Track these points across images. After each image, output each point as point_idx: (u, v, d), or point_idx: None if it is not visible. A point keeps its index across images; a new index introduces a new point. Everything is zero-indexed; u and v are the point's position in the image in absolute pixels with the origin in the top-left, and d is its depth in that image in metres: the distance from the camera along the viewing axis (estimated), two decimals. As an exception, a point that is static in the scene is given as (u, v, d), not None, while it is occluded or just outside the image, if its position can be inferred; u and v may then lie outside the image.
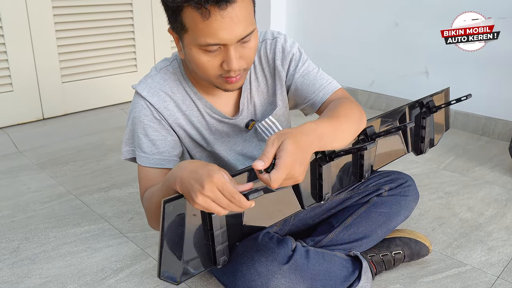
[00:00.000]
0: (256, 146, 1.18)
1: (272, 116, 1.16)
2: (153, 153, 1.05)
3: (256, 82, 1.13)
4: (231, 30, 0.89)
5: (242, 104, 1.12)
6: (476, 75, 2.33)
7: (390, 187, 1.27)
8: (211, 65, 0.94)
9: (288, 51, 1.11)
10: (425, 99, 1.30)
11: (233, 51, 0.92)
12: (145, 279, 1.23)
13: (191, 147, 1.13)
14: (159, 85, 1.06)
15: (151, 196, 0.99)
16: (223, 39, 0.89)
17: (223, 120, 1.11)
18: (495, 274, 1.26)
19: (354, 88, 2.87)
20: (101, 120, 2.50)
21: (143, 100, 1.05)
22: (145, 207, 1.03)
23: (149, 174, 1.05)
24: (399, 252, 1.24)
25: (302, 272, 1.03)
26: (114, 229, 1.47)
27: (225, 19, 0.87)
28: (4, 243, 1.39)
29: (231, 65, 0.93)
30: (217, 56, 0.93)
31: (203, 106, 1.09)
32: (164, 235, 0.83)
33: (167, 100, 1.06)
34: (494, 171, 1.91)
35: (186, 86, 1.08)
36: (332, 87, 1.11)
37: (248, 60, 0.97)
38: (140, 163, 1.06)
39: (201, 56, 0.93)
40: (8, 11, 2.18)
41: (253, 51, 0.97)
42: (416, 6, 2.47)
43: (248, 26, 0.91)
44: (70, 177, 1.84)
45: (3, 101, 2.28)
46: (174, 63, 1.09)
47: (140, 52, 2.70)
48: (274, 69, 1.13)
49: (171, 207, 0.82)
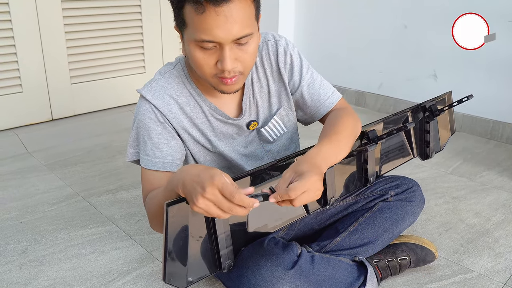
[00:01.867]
0: (258, 146, 1.19)
1: (276, 116, 1.18)
2: (156, 156, 1.05)
3: (258, 83, 1.15)
4: (225, 28, 0.90)
5: (244, 104, 1.13)
6: (484, 78, 2.32)
7: (395, 192, 1.27)
8: (206, 63, 0.96)
9: (289, 54, 1.14)
10: (427, 103, 1.30)
11: (228, 51, 0.93)
12: (151, 282, 1.24)
13: (195, 150, 1.13)
14: (163, 88, 1.07)
15: (154, 198, 1.00)
16: (217, 36, 0.91)
17: (227, 121, 1.12)
18: (501, 281, 1.26)
19: (362, 91, 2.87)
20: (110, 121, 2.52)
21: (148, 103, 1.06)
22: (147, 209, 1.04)
23: (151, 177, 1.06)
24: (404, 258, 1.24)
25: (307, 278, 1.03)
26: (121, 231, 1.48)
27: (220, 16, 0.89)
28: (12, 245, 1.41)
29: (224, 64, 0.94)
30: (212, 55, 0.95)
31: (207, 108, 1.10)
32: (167, 238, 0.83)
33: (172, 103, 1.07)
34: (502, 175, 1.90)
35: (190, 88, 1.09)
36: (334, 99, 1.18)
37: (244, 63, 0.98)
38: (144, 165, 1.06)
39: (197, 52, 0.95)
40: (18, 13, 2.20)
41: (251, 55, 0.98)
42: (424, 8, 2.46)
43: (244, 27, 0.92)
44: (78, 179, 1.86)
45: (13, 102, 2.30)
46: (178, 66, 1.10)
47: (148, 54, 2.72)
48: (278, 71, 1.14)
49: (174, 210, 0.83)
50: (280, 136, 1.20)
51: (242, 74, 0.99)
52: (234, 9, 0.90)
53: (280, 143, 1.21)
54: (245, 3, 0.92)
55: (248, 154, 1.18)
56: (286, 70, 1.15)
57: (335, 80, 2.99)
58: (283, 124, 1.19)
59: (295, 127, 1.24)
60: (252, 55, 0.98)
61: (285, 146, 1.22)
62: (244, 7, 0.91)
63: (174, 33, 2.79)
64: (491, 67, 2.28)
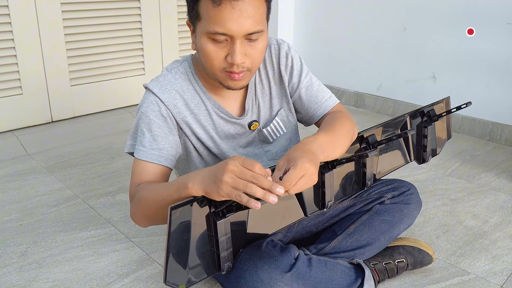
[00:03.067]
0: (257, 146, 1.21)
1: (277, 117, 1.20)
2: (152, 148, 1.05)
3: (261, 84, 1.17)
4: (239, 22, 0.93)
5: (247, 104, 1.16)
6: (483, 80, 2.32)
7: (392, 195, 1.28)
8: (216, 56, 0.98)
9: (291, 59, 1.17)
10: (425, 108, 1.31)
11: (239, 45, 0.96)
12: (150, 284, 1.25)
13: (198, 146, 1.14)
14: (170, 83, 1.09)
15: (149, 191, 0.98)
16: (230, 29, 0.94)
17: (230, 119, 1.14)
18: (498, 283, 1.26)
19: (361, 92, 2.87)
20: (109, 123, 2.53)
21: (154, 96, 1.07)
22: (136, 200, 1.02)
23: (144, 168, 1.05)
24: (402, 261, 1.24)
25: (304, 280, 1.04)
26: (120, 233, 1.49)
27: (235, 10, 0.93)
28: (12, 247, 1.41)
29: (235, 58, 0.97)
30: (223, 48, 0.98)
31: (211, 106, 1.12)
32: (170, 241, 0.85)
33: (177, 98, 1.09)
34: (500, 177, 1.91)
35: (196, 85, 1.11)
36: (331, 102, 1.20)
37: (253, 60, 1.01)
38: (138, 156, 1.06)
39: (208, 45, 0.98)
40: (18, 15, 2.21)
41: (260, 52, 1.01)
42: (424, 11, 2.47)
43: (256, 23, 0.96)
44: (77, 181, 1.86)
45: (13, 104, 2.31)
46: (185, 63, 1.13)
47: (148, 55, 2.72)
48: (279, 73, 1.18)
49: (178, 214, 0.84)
50: (279, 137, 1.22)
51: (249, 70, 1.02)
52: (248, 5, 0.94)
53: (280, 144, 1.23)
54: (259, 1, 0.96)
55: (247, 153, 1.19)
56: (287, 72, 1.18)
57: (334, 81, 3.00)
58: (283, 125, 1.22)
59: (295, 128, 1.25)
60: (261, 53, 1.02)
61: (284, 147, 1.24)
62: (258, 5, 0.96)
63: (173, 35, 2.80)
64: (490, 69, 2.29)
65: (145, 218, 1.01)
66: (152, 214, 0.98)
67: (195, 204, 0.86)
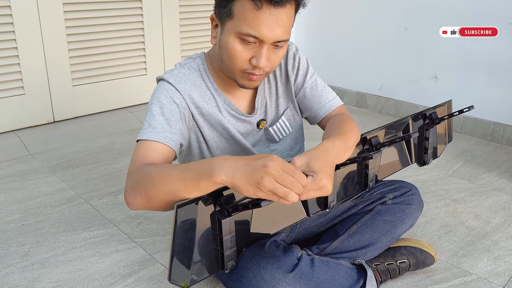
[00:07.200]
0: (264, 145, 1.22)
1: (284, 116, 1.22)
2: (164, 130, 1.00)
3: (268, 84, 1.20)
4: (272, 29, 0.96)
5: (257, 103, 1.18)
6: (485, 81, 2.32)
7: (394, 196, 1.28)
8: (241, 56, 1.00)
9: (298, 60, 1.21)
10: (428, 111, 1.32)
11: (266, 49, 0.99)
12: (152, 284, 1.25)
13: (210, 136, 1.14)
14: (184, 76, 1.11)
15: (157, 168, 0.90)
16: (263, 34, 0.96)
17: (240, 117, 1.16)
18: (500, 284, 1.26)
19: (363, 92, 2.88)
20: (111, 123, 2.53)
21: (169, 84, 1.07)
22: (139, 173, 0.91)
23: (151, 148, 0.98)
24: (404, 261, 1.24)
25: (306, 281, 1.04)
26: (122, 234, 1.49)
27: (273, 17, 0.95)
28: (15, 247, 1.42)
29: (260, 61, 0.99)
30: (250, 50, 1.00)
31: (222, 103, 1.14)
32: (175, 239, 0.85)
33: (192, 90, 1.10)
34: (502, 178, 1.91)
35: (208, 82, 1.13)
36: (335, 103, 1.22)
37: (272, 64, 1.04)
38: (146, 137, 0.99)
39: (236, 44, 0.99)
40: (20, 15, 2.21)
41: (279, 59, 1.05)
42: (425, 11, 2.47)
43: (285, 33, 0.99)
44: (80, 181, 1.87)
45: (15, 104, 2.31)
46: (198, 60, 1.14)
47: (150, 56, 2.72)
48: (286, 73, 1.20)
49: (183, 212, 0.84)
50: (285, 136, 1.24)
51: (266, 74, 1.06)
52: (284, 15, 0.97)
53: (286, 143, 1.24)
54: (292, 12, 1.00)
55: (253, 152, 1.20)
56: (293, 72, 1.20)
57: (336, 81, 3.00)
58: (289, 125, 1.24)
59: (300, 128, 1.27)
60: (280, 59, 1.06)
61: (289, 146, 1.25)
62: (291, 16, 1.00)
63: (175, 36, 2.80)
64: (492, 69, 2.29)
65: (142, 196, 0.89)
66: (154, 195, 0.87)
67: (200, 202, 0.86)
